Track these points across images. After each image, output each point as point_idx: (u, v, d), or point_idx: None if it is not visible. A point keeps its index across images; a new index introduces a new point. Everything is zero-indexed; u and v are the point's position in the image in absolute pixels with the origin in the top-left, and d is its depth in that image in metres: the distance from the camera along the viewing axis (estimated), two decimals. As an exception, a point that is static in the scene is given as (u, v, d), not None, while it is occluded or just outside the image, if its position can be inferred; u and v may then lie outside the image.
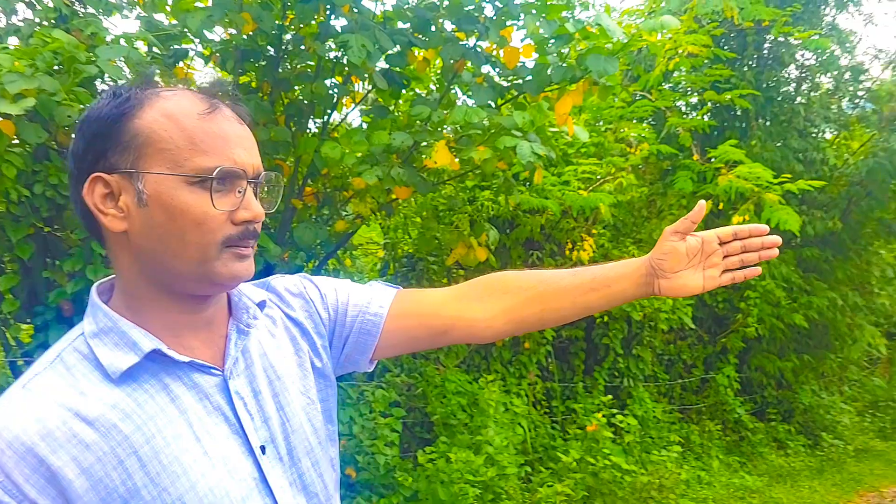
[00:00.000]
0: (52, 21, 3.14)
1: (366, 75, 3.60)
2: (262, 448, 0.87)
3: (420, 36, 3.75)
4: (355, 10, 3.62)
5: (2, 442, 0.74)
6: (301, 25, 3.72)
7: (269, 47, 3.70)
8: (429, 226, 4.39)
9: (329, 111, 4.15)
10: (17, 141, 2.77)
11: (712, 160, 6.05)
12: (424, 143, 3.76)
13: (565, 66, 3.45)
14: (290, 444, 0.91)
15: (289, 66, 3.91)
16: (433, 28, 3.75)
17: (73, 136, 0.87)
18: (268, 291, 1.02)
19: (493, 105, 3.65)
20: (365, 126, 3.97)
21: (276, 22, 3.41)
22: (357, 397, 4.60)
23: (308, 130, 3.89)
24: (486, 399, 4.59)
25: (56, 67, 2.71)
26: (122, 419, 0.78)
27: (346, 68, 3.77)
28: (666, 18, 3.38)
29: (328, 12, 3.60)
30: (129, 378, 0.81)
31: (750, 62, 7.63)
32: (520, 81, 3.74)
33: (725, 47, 6.98)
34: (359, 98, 4.34)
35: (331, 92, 3.78)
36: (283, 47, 3.75)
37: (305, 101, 3.78)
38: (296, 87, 3.85)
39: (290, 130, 3.73)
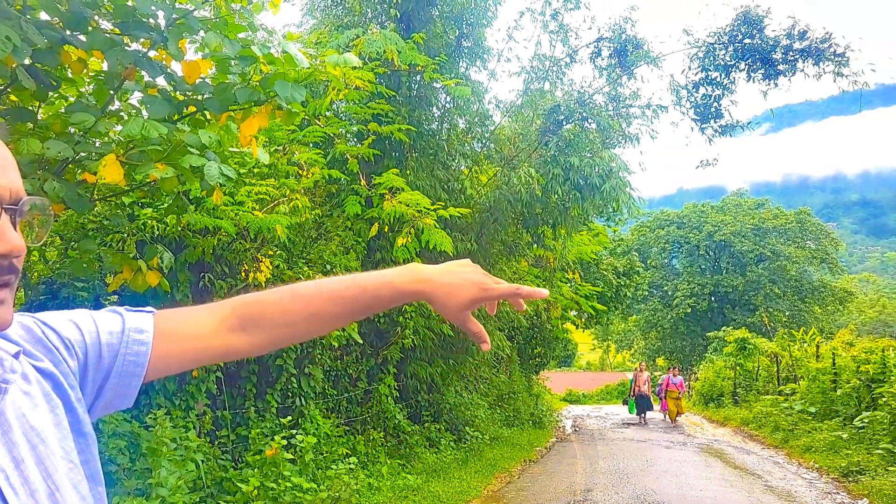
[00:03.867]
0: None
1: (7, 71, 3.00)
2: None
3: (75, 34, 3.30)
4: (-13, -9, 3.02)
5: None
6: None
7: None
8: (86, 247, 3.82)
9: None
10: None
11: (376, 186, 6.57)
12: (84, 155, 3.31)
13: (250, 87, 3.40)
14: None
15: None
16: (90, 27, 3.33)
17: None
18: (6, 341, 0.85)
19: (168, 119, 3.39)
20: None
21: None
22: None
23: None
24: (158, 437, 4.17)
25: None
26: None
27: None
28: (348, 56, 3.58)
29: (-50, -12, 2.93)
30: None
31: (402, 100, 8.49)
32: (198, 98, 3.55)
33: (384, 84, 7.66)
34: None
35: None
36: None
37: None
38: None
39: None
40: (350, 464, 5.98)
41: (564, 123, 9.88)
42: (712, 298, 34.57)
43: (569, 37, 10.63)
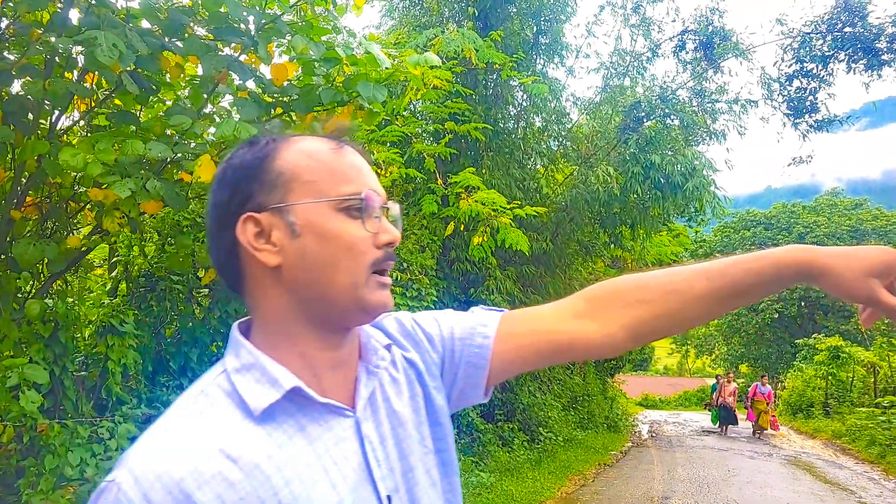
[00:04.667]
0: None
1: (114, 77, 3.22)
2: (389, 498, 0.86)
3: (173, 40, 3.49)
4: (94, 2, 3.24)
5: (151, 474, 0.73)
6: (27, 12, 3.20)
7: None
8: (182, 243, 4.03)
9: (57, 112, 3.63)
10: None
11: (453, 185, 6.62)
12: (179, 156, 3.50)
13: (333, 88, 3.50)
14: (412, 496, 0.89)
15: (7, 57, 3.33)
16: (186, 34, 3.52)
17: (210, 192, 0.88)
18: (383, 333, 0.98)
19: (257, 121, 3.54)
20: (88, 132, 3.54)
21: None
22: (88, 436, 4.04)
23: (35, 133, 3.35)
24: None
25: None
26: (264, 459, 0.78)
27: (84, 66, 3.35)
28: (429, 55, 3.63)
29: (63, 1, 3.17)
30: (268, 417, 0.81)
31: (479, 98, 8.50)
32: (285, 100, 3.69)
33: (461, 82, 7.70)
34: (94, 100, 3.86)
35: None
36: None
37: (32, 99, 3.25)
38: (17, 82, 3.29)
39: (11, 130, 3.17)
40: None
41: (645, 120, 9.62)
42: (802, 304, 32.78)
43: (651, 30, 10.35)
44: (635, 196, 9.25)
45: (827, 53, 9.80)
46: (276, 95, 3.72)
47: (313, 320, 0.85)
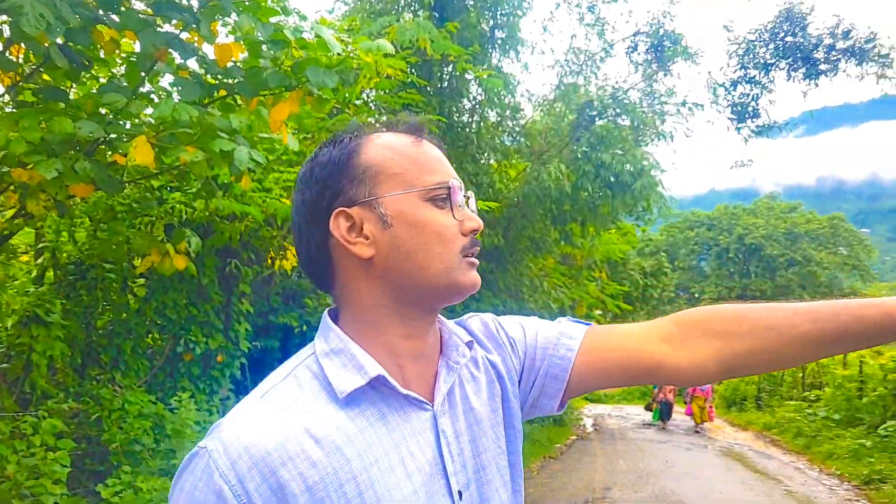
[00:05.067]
0: None
1: (40, 49, 3.00)
2: (460, 493, 0.88)
3: (109, 13, 3.28)
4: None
5: (239, 446, 0.76)
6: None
7: None
8: (115, 229, 3.83)
9: (-21, 84, 3.37)
10: None
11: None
12: (113, 136, 3.30)
13: (281, 72, 3.35)
14: (482, 494, 0.91)
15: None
16: (123, 7, 3.31)
17: (297, 190, 0.91)
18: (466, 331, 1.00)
19: (199, 103, 3.37)
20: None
21: None
22: (10, 431, 3.80)
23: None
24: (182, 419, 4.19)
25: None
26: (345, 442, 0.80)
27: (9, 37, 3.11)
28: (382, 42, 3.52)
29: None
30: (352, 402, 0.83)
31: (434, 90, 8.40)
32: (229, 81, 3.52)
33: (415, 74, 7.58)
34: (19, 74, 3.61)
35: (-12, 62, 3.06)
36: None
37: (-51, 69, 3.01)
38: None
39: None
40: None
41: (597, 119, 9.72)
42: (739, 302, 33.98)
43: (605, 30, 10.45)
44: (586, 194, 9.34)
45: (769, 61, 10.10)
46: (219, 77, 3.55)
47: (402, 308, 0.87)
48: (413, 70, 7.54)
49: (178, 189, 5.01)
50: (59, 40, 3.09)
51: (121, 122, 3.34)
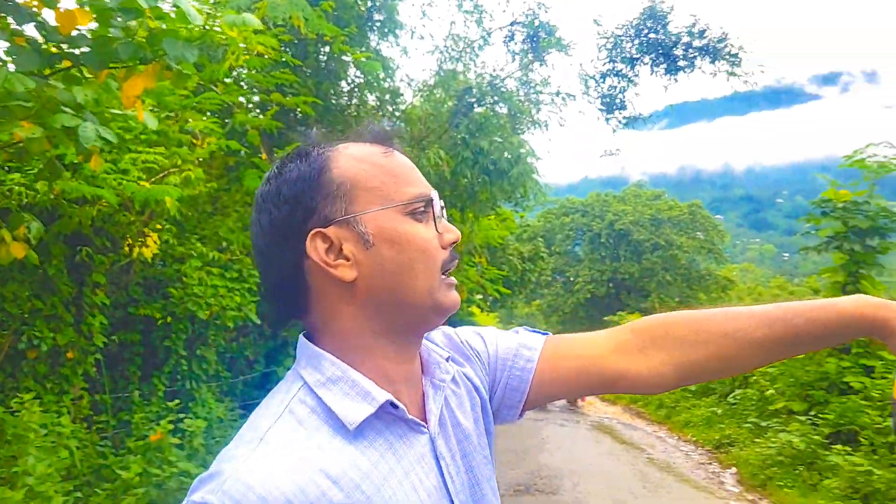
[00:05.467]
0: None
1: None
2: None
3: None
4: None
5: (252, 497, 0.69)
6: None
7: None
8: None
9: None
10: None
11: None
12: (-68, 108, 2.90)
13: (134, 43, 3.09)
14: None
15: None
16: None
17: (261, 210, 0.84)
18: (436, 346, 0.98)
19: (38, 74, 3.03)
20: None
21: None
22: None
23: None
24: (25, 423, 3.81)
25: None
26: (362, 479, 0.77)
27: None
28: (248, 17, 3.33)
29: None
30: (359, 433, 0.79)
31: (309, 71, 8.15)
32: (74, 51, 3.20)
33: (290, 53, 7.31)
34: None
35: None
36: None
37: None
38: None
39: None
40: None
41: (476, 106, 9.85)
42: (610, 284, 36.09)
43: (483, 18, 10.60)
44: (465, 180, 9.46)
45: (634, 56, 10.71)
46: (62, 46, 3.22)
47: (390, 332, 0.84)
48: (287, 49, 7.28)
49: (17, 170, 4.53)
50: None
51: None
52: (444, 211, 0.90)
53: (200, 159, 5.89)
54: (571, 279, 36.94)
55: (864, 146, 7.89)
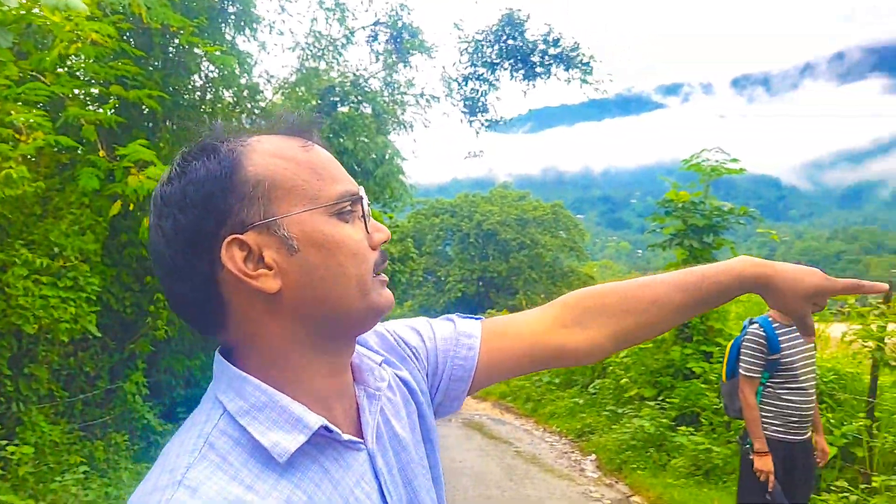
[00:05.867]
0: None
1: None
2: None
3: None
4: None
5: None
6: None
7: None
8: None
9: None
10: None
11: (120, 158, 5.76)
12: None
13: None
14: None
15: None
16: None
17: (162, 215, 0.73)
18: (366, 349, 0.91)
19: None
20: None
21: None
22: None
23: None
24: None
25: None
26: None
27: None
28: (73, 1, 2.99)
29: None
30: (290, 465, 0.71)
31: (157, 63, 7.60)
32: None
33: (133, 43, 6.76)
34: None
35: None
36: None
37: None
38: None
39: None
40: (81, 472, 5.23)
41: (340, 105, 9.69)
42: (480, 283, 37.08)
43: (346, 16, 10.43)
44: (330, 180, 9.26)
45: (495, 61, 11.02)
46: None
47: (321, 344, 0.77)
48: (130, 39, 6.74)
49: None
50: None
51: None
52: (370, 208, 0.84)
53: (25, 156, 5.29)
54: (442, 279, 37.53)
55: (700, 151, 8.61)
